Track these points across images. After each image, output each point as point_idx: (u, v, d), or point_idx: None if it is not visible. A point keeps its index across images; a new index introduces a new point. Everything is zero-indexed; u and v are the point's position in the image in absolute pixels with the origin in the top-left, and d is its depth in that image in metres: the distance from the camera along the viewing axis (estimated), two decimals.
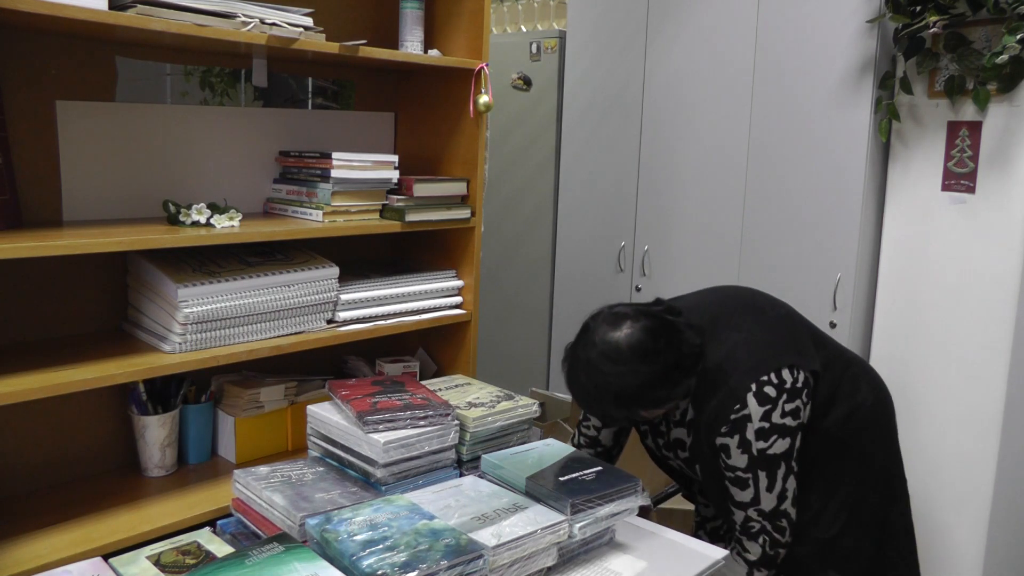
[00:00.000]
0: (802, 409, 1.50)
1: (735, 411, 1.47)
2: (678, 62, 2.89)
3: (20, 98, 1.58)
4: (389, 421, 1.37)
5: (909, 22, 2.24)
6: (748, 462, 1.48)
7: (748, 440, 1.47)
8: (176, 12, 1.48)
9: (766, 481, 1.49)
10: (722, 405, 1.48)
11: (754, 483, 1.49)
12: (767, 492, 1.50)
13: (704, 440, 1.53)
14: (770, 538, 1.51)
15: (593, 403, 1.50)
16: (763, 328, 1.57)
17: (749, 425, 1.47)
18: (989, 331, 2.23)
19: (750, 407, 1.47)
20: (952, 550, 2.34)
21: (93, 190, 1.69)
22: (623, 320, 1.46)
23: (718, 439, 1.50)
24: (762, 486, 1.49)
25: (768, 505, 1.50)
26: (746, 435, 1.47)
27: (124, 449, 1.77)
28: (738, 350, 1.52)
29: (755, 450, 1.47)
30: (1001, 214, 2.19)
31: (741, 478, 1.50)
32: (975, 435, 2.27)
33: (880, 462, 1.64)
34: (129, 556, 1.21)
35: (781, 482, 1.50)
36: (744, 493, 1.50)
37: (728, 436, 1.48)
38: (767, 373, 1.48)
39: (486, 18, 2.01)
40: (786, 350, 1.52)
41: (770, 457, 1.48)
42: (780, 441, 1.48)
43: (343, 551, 1.09)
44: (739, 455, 1.48)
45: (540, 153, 3.53)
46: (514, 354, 3.70)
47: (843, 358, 1.67)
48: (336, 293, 1.82)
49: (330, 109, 2.14)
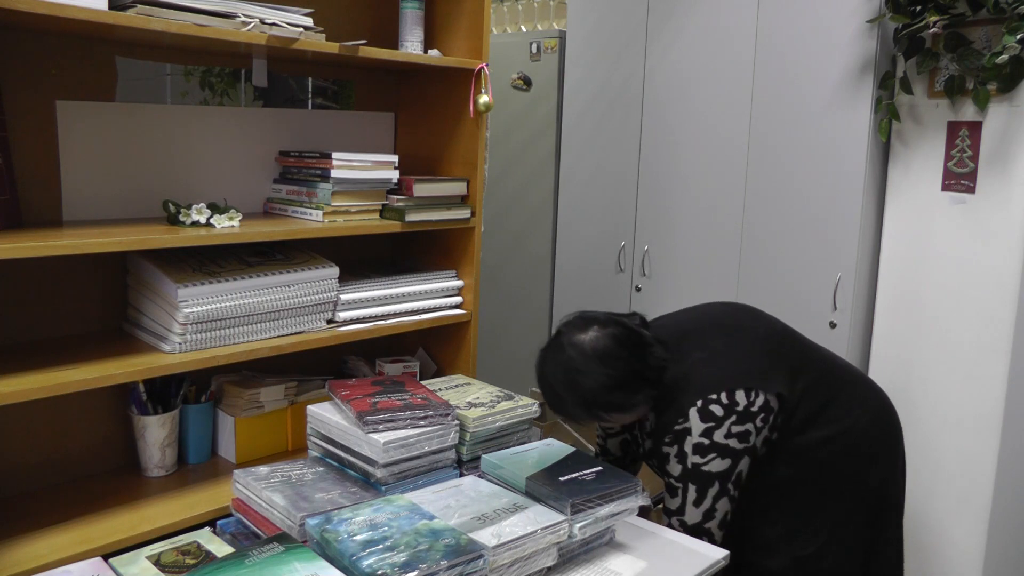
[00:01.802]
0: (754, 433, 1.51)
1: (678, 423, 1.51)
2: (678, 62, 2.89)
3: (20, 98, 1.58)
4: (389, 421, 1.37)
5: (909, 22, 2.24)
6: (681, 472, 1.51)
7: (684, 452, 1.50)
8: (176, 12, 1.48)
9: (694, 495, 1.50)
10: (668, 418, 1.53)
11: (682, 494, 1.51)
12: (693, 506, 1.51)
13: (654, 450, 1.58)
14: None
15: (557, 402, 1.53)
16: (728, 348, 1.59)
17: (688, 438, 1.50)
18: (989, 331, 2.23)
19: (691, 422, 1.50)
20: (952, 550, 2.34)
21: (93, 190, 1.69)
22: (592, 325, 1.52)
23: (663, 448, 1.54)
24: (689, 499, 1.51)
25: (692, 519, 1.51)
26: (683, 447, 1.50)
27: (124, 449, 1.77)
28: (695, 368, 1.55)
29: (689, 463, 1.50)
30: (1001, 214, 2.19)
31: (672, 486, 1.53)
32: (975, 435, 2.27)
33: (870, 487, 1.63)
34: (129, 556, 1.21)
35: (710, 500, 1.50)
36: (673, 500, 1.53)
37: (669, 446, 1.53)
38: (717, 392, 1.50)
39: (486, 18, 2.01)
40: (746, 372, 1.53)
41: (703, 473, 1.50)
42: (718, 460, 1.49)
43: (343, 551, 1.09)
44: (675, 464, 1.52)
45: (540, 153, 3.53)
46: (514, 354, 3.70)
47: (840, 379, 1.66)
48: (336, 293, 1.82)
49: (330, 109, 2.14)
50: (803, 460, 1.58)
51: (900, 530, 1.70)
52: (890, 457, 1.68)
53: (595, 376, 1.47)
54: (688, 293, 2.90)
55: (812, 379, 1.60)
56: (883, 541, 1.65)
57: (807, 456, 1.58)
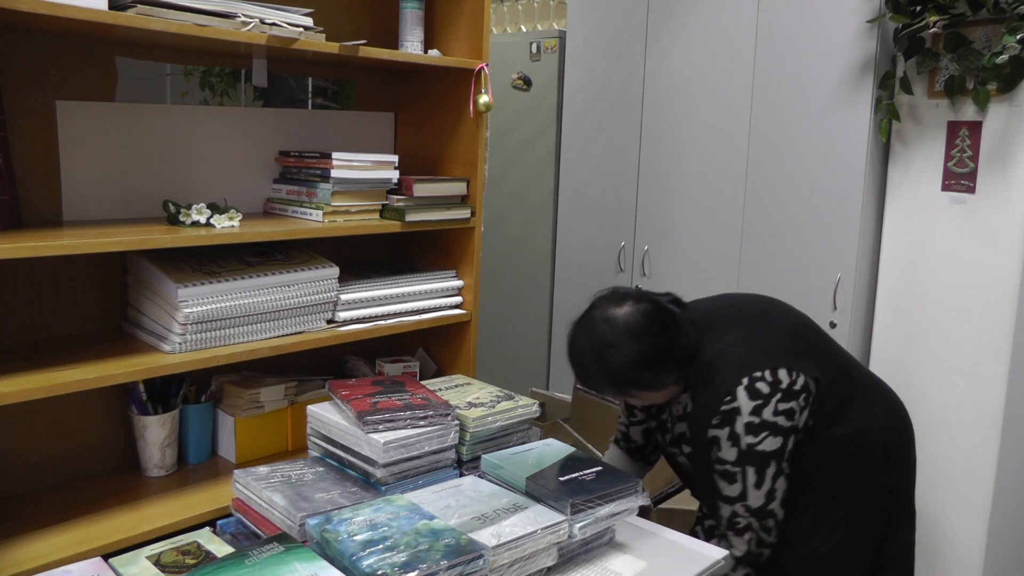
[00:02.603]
0: (798, 412, 1.50)
1: (725, 403, 1.48)
2: (678, 62, 2.89)
3: (20, 98, 1.58)
4: (389, 421, 1.37)
5: (909, 22, 2.24)
6: (737, 456, 1.48)
7: (737, 434, 1.47)
8: (176, 12, 1.48)
9: (754, 477, 1.48)
10: (713, 397, 1.50)
11: (742, 478, 1.49)
12: (755, 489, 1.49)
13: (697, 433, 1.54)
14: (756, 536, 1.51)
15: (585, 375, 1.53)
16: (763, 331, 1.58)
17: (739, 418, 1.47)
18: (989, 331, 2.23)
19: (739, 400, 1.47)
20: (952, 550, 2.34)
21: (93, 190, 1.69)
22: (626, 300, 1.52)
23: (709, 431, 1.50)
24: (750, 482, 1.49)
25: (755, 503, 1.49)
26: (735, 428, 1.47)
27: (124, 449, 1.77)
28: (734, 348, 1.53)
29: (744, 444, 1.47)
30: (1001, 214, 2.19)
31: (730, 472, 1.49)
32: (975, 435, 2.27)
33: (885, 488, 1.62)
34: (129, 556, 1.21)
35: (770, 481, 1.49)
36: (732, 488, 1.50)
37: (718, 428, 1.49)
38: (761, 370, 1.48)
39: (486, 18, 2.01)
40: (784, 353, 1.53)
41: (759, 453, 1.48)
42: (771, 439, 1.48)
43: (343, 551, 1.09)
44: (728, 448, 1.48)
45: (540, 153, 3.53)
46: (514, 354, 3.70)
47: (857, 379, 1.66)
48: (336, 293, 1.82)
49: (330, 109, 2.14)
50: (824, 457, 1.57)
51: (912, 533, 1.69)
52: (904, 460, 1.68)
53: (625, 351, 1.47)
54: (688, 293, 2.89)
55: (837, 373, 1.59)
56: (895, 543, 1.65)
57: (828, 453, 1.57)
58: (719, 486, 1.52)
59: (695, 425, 1.54)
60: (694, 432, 1.55)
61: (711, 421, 1.50)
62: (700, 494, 1.68)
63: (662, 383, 1.52)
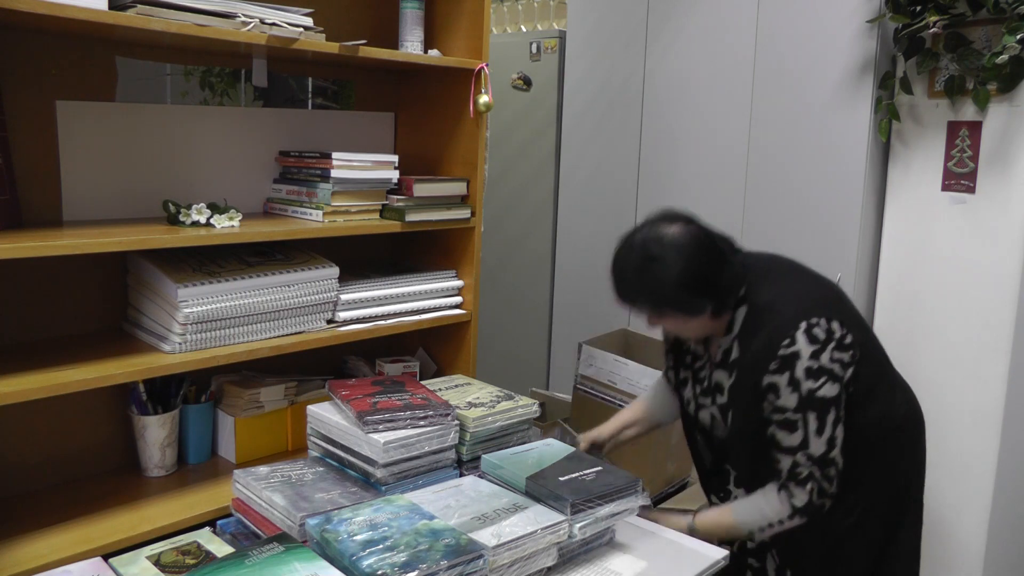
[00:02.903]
0: (849, 366, 1.48)
1: (784, 346, 1.45)
2: (678, 62, 2.89)
3: (20, 98, 1.58)
4: (389, 421, 1.37)
5: (909, 22, 2.24)
6: (798, 402, 1.44)
7: (798, 379, 1.44)
8: (176, 12, 1.48)
9: (815, 424, 1.45)
10: (770, 340, 1.46)
11: (803, 426, 1.45)
12: (816, 436, 1.45)
13: (749, 380, 1.50)
14: (819, 486, 1.47)
15: (624, 288, 1.53)
16: (815, 286, 1.58)
17: (799, 363, 1.44)
18: (989, 331, 2.23)
19: (799, 344, 1.44)
20: (952, 550, 2.34)
21: (93, 190, 1.69)
22: (678, 221, 1.53)
23: (766, 378, 1.46)
24: (811, 429, 1.45)
25: (817, 450, 1.46)
26: (796, 373, 1.44)
27: (124, 449, 1.77)
28: (790, 293, 1.52)
29: (804, 390, 1.44)
30: (1001, 214, 2.19)
31: (790, 420, 1.46)
32: (975, 434, 2.27)
33: (901, 475, 1.62)
34: (129, 556, 1.21)
35: (831, 428, 1.46)
36: (793, 437, 1.46)
37: (777, 374, 1.45)
38: (818, 317, 1.46)
39: (486, 18, 2.01)
40: (836, 309, 1.51)
41: (820, 400, 1.44)
42: (829, 385, 1.44)
43: (343, 551, 1.09)
44: (788, 394, 1.45)
45: (540, 153, 3.53)
46: (514, 354, 3.70)
47: (885, 363, 1.65)
48: (336, 293, 1.82)
49: (330, 109, 2.14)
50: (855, 435, 1.54)
51: (920, 529, 1.68)
52: (918, 453, 1.67)
53: (668, 266, 1.46)
54: None
55: (871, 350, 1.58)
56: (903, 536, 1.64)
57: (853, 436, 1.54)
58: (778, 437, 1.48)
59: (746, 372, 1.51)
60: (743, 379, 1.52)
61: (768, 366, 1.46)
62: (733, 457, 1.63)
63: (698, 308, 1.49)
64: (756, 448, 1.53)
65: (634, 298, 1.53)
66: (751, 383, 1.49)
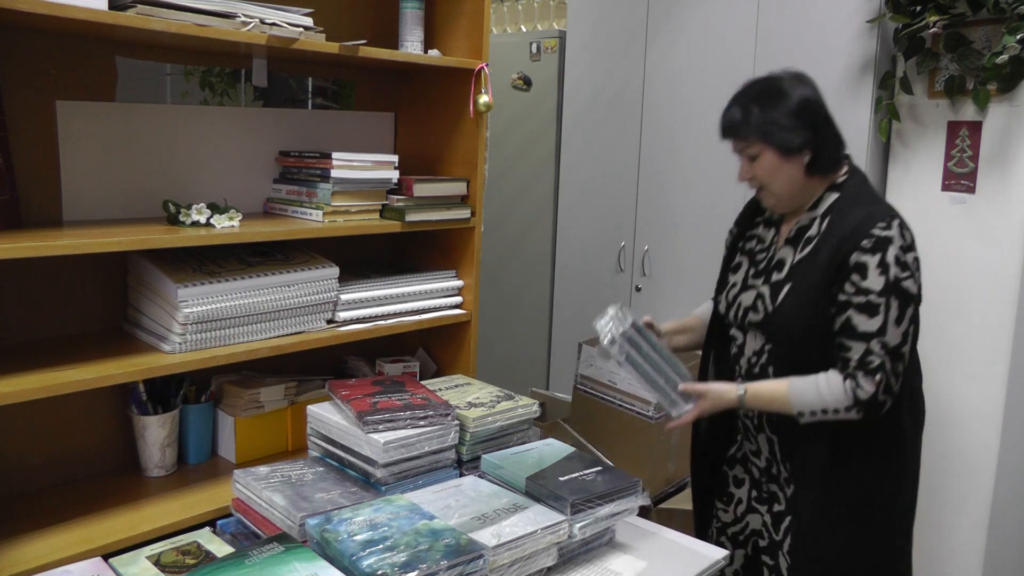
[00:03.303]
0: (920, 287, 1.51)
1: (880, 228, 1.47)
2: (678, 62, 2.89)
3: (20, 98, 1.58)
4: (389, 421, 1.37)
5: (909, 22, 2.24)
6: (884, 286, 1.45)
7: (888, 262, 1.45)
8: (176, 12, 1.48)
9: (896, 312, 1.45)
10: (868, 219, 1.48)
11: (885, 311, 1.45)
12: (895, 325, 1.45)
13: (831, 257, 1.50)
14: (887, 380, 1.47)
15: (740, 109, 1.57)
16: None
17: (891, 247, 1.45)
18: (989, 331, 2.23)
19: (894, 231, 1.47)
20: (952, 550, 2.34)
21: (93, 190, 1.69)
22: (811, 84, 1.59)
23: (855, 256, 1.47)
24: (892, 316, 1.45)
25: (893, 340, 1.46)
26: (887, 256, 1.45)
27: (124, 449, 1.77)
28: (879, 204, 1.56)
29: (892, 275, 1.45)
30: (1001, 214, 2.19)
31: (873, 303, 1.45)
32: (975, 435, 2.27)
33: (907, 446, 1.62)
34: (129, 556, 1.21)
35: (908, 322, 1.47)
36: (871, 321, 1.45)
37: (869, 253, 1.46)
38: (904, 223, 1.50)
39: (486, 18, 2.01)
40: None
41: (904, 290, 1.45)
42: (911, 281, 1.46)
43: (343, 551, 1.09)
44: (876, 276, 1.45)
45: (540, 153, 3.53)
46: (514, 354, 3.70)
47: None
48: (336, 293, 1.82)
49: (330, 109, 2.14)
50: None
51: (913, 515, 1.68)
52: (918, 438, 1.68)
53: (787, 94, 1.53)
54: (688, 293, 2.90)
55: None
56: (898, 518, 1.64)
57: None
58: (854, 321, 1.47)
59: (831, 248, 1.51)
60: (821, 255, 1.52)
61: (860, 243, 1.47)
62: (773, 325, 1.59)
63: (799, 146, 1.52)
64: (803, 328, 1.52)
65: (745, 117, 1.55)
66: (834, 260, 1.49)
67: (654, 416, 2.20)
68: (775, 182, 1.57)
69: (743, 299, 1.66)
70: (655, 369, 1.62)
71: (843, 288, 1.48)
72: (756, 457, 1.73)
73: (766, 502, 1.71)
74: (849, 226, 1.50)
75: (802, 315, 1.53)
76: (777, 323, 1.58)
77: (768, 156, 1.55)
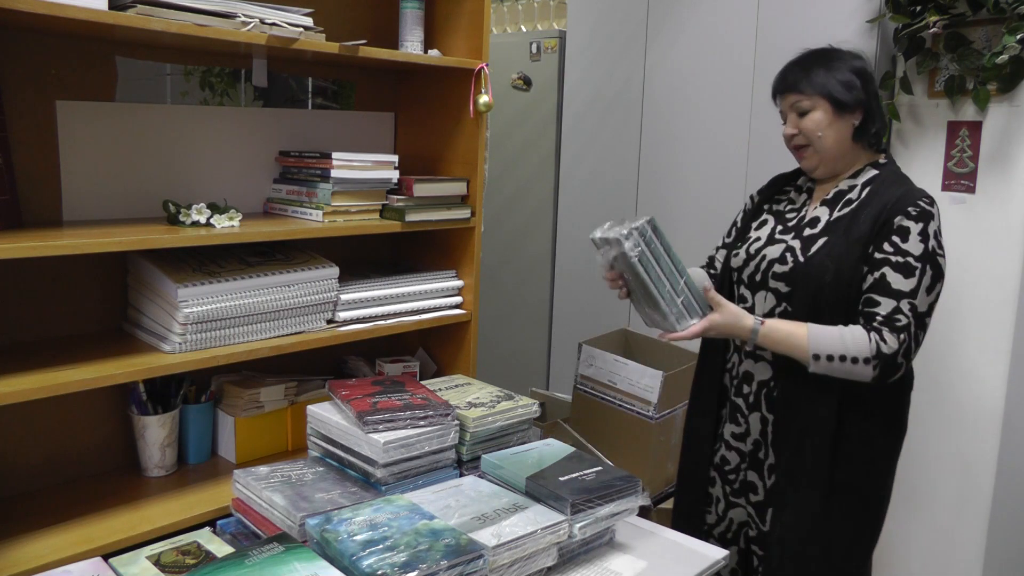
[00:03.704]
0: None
1: (924, 202, 1.54)
2: (678, 62, 2.89)
3: (20, 98, 1.58)
4: (389, 421, 1.37)
5: (909, 22, 2.24)
6: (922, 252, 1.50)
7: (928, 233, 1.52)
8: (176, 12, 1.48)
9: (928, 280, 1.50)
10: (911, 193, 1.56)
11: (919, 275, 1.50)
12: (925, 293, 1.50)
13: (874, 217, 1.54)
14: (909, 341, 1.49)
15: (799, 65, 1.64)
16: None
17: (932, 221, 1.53)
18: (989, 331, 2.23)
19: (937, 208, 1.55)
20: (952, 550, 2.34)
21: (93, 190, 1.69)
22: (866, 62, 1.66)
23: (899, 219, 1.52)
24: (924, 283, 1.50)
25: (922, 305, 1.50)
26: (928, 227, 1.52)
27: (124, 449, 1.77)
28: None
29: (930, 246, 1.51)
30: (1001, 214, 2.19)
31: (911, 265, 1.50)
32: (975, 435, 2.27)
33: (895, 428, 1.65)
34: (129, 556, 1.21)
35: (935, 295, 1.52)
36: (907, 282, 1.49)
37: (913, 220, 1.52)
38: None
39: (486, 18, 2.01)
40: None
41: (937, 264, 1.52)
42: (943, 261, 1.54)
43: (343, 551, 1.09)
44: (917, 241, 1.51)
45: (540, 153, 3.53)
46: (514, 354, 3.70)
47: None
48: (336, 293, 1.82)
49: (330, 109, 2.14)
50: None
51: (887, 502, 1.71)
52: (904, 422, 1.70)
53: (847, 59, 1.62)
54: None
55: None
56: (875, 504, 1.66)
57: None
58: (889, 278, 1.51)
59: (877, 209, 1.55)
60: (868, 214, 1.55)
61: (906, 209, 1.52)
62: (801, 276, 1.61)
63: (851, 107, 1.59)
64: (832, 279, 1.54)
65: (805, 67, 1.62)
66: (878, 220, 1.54)
67: (654, 417, 2.20)
68: (823, 139, 1.61)
69: (768, 252, 1.67)
70: (666, 273, 1.57)
71: (881, 247, 1.53)
72: (740, 441, 1.72)
73: (741, 493, 1.72)
74: (894, 196, 1.55)
75: (834, 266, 1.55)
76: (807, 273, 1.58)
77: (821, 110, 1.60)
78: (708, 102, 2.79)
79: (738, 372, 1.72)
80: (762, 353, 1.66)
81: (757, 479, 1.69)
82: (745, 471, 1.71)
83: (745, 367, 1.70)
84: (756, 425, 1.68)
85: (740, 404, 1.71)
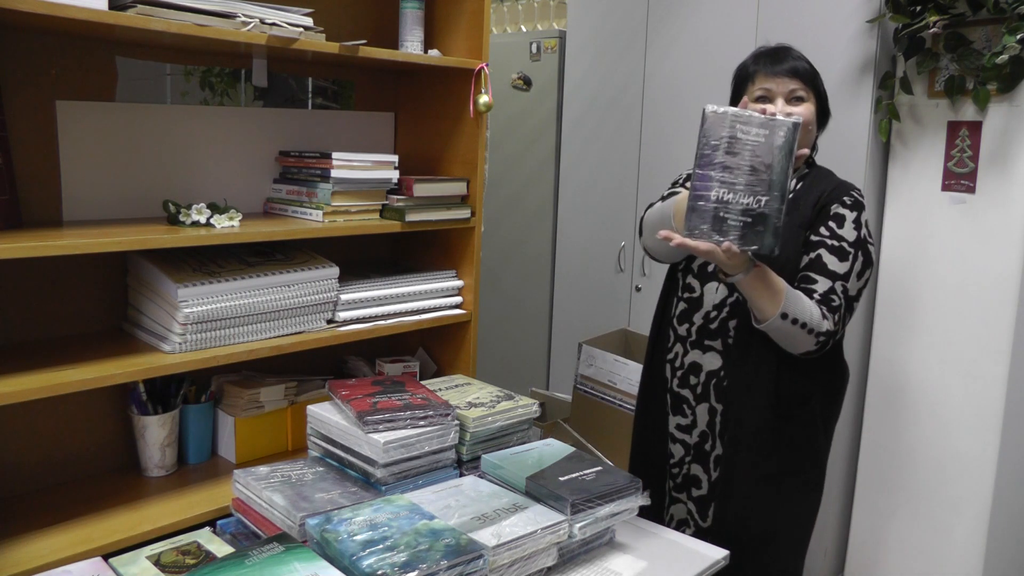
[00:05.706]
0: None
1: (856, 194, 1.64)
2: (678, 62, 2.89)
3: (20, 98, 1.58)
4: (389, 421, 1.37)
5: (909, 22, 2.24)
6: (855, 239, 1.59)
7: (860, 222, 1.61)
8: (176, 12, 1.48)
9: (859, 267, 1.59)
10: (844, 185, 1.66)
11: (852, 260, 1.58)
12: (856, 278, 1.59)
13: (812, 205, 1.63)
14: (839, 323, 1.57)
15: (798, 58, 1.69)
16: None
17: (863, 213, 1.63)
18: (989, 331, 2.23)
19: (864, 202, 1.65)
20: (952, 550, 2.34)
21: (93, 190, 1.69)
22: None
23: (835, 207, 1.62)
24: (856, 268, 1.58)
25: (852, 289, 1.58)
26: (860, 217, 1.62)
27: (124, 449, 1.77)
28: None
29: (861, 234, 1.61)
30: (1001, 214, 2.19)
31: (845, 250, 1.58)
32: (975, 435, 2.27)
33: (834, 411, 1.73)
34: (129, 556, 1.21)
35: (863, 282, 1.61)
36: (841, 264, 1.58)
37: (847, 208, 1.62)
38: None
39: (486, 18, 2.01)
40: None
41: (866, 253, 1.60)
42: (873, 251, 1.63)
43: (343, 551, 1.09)
44: (851, 229, 1.60)
45: (540, 153, 3.53)
46: (514, 354, 3.70)
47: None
48: (336, 293, 1.82)
49: (330, 109, 2.14)
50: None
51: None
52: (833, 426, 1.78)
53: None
54: None
55: None
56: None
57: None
58: (825, 259, 1.58)
59: (814, 197, 1.63)
60: (807, 201, 1.64)
61: (842, 198, 1.63)
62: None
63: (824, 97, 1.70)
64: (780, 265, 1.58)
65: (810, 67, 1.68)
66: (815, 207, 1.63)
67: None
68: (811, 132, 1.69)
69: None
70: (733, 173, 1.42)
71: (818, 231, 1.61)
72: (686, 432, 1.74)
73: (684, 488, 1.73)
74: (830, 185, 1.65)
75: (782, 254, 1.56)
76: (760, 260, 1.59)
77: (809, 105, 1.66)
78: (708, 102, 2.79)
79: (683, 363, 1.74)
80: (711, 344, 1.68)
81: (701, 472, 1.70)
82: (689, 464, 1.72)
83: (692, 358, 1.72)
84: (704, 416, 1.69)
85: (687, 395, 1.72)
